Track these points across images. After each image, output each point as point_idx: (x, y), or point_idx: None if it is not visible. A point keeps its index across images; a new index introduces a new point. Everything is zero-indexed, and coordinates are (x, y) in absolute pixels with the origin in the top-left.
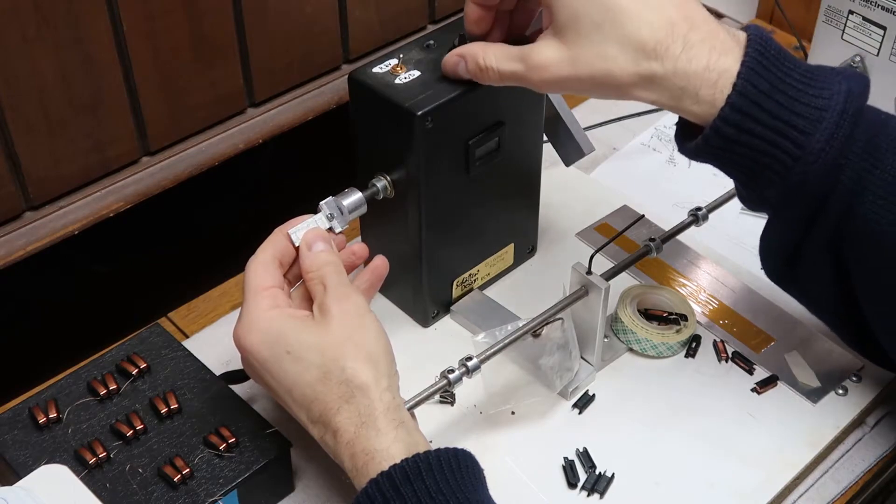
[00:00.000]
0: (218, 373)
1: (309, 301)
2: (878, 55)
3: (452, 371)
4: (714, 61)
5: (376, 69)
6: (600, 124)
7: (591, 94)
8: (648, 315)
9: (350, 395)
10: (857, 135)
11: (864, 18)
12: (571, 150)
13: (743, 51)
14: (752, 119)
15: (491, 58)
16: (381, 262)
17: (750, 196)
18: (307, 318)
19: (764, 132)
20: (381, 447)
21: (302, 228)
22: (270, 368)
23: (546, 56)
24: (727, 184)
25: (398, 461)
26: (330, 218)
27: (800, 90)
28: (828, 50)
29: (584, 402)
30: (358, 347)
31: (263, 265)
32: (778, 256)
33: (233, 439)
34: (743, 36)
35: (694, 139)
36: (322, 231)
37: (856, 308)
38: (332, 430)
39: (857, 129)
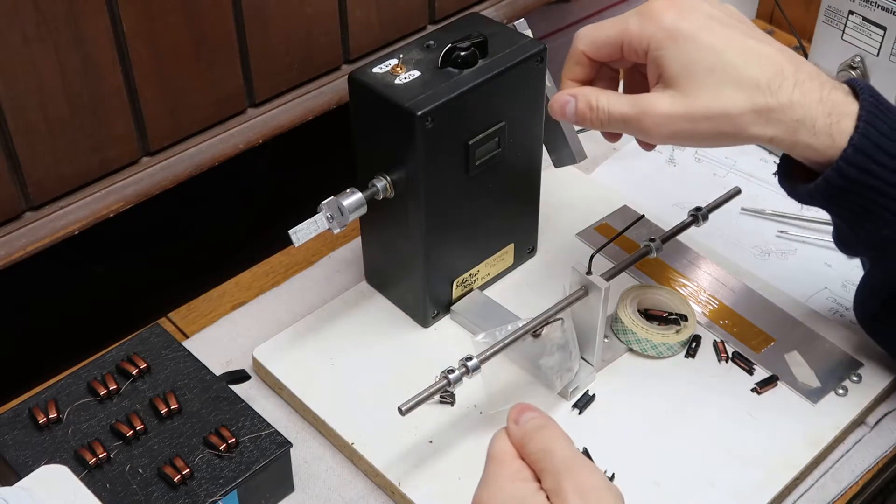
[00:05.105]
0: (218, 373)
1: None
2: (878, 55)
3: (452, 371)
4: (826, 95)
5: (376, 69)
6: None
7: (706, 138)
8: (648, 315)
9: None
10: None
11: (864, 19)
12: (564, 156)
13: (848, 90)
14: (875, 161)
15: (603, 99)
16: None
17: (858, 238)
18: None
19: (885, 173)
20: None
21: (302, 228)
22: None
23: (661, 101)
24: (727, 184)
25: None
26: (330, 218)
27: None
28: (828, 50)
29: (584, 403)
30: None
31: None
32: (877, 299)
33: (233, 439)
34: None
35: (803, 181)
36: (526, 405)
37: None
38: None
39: None
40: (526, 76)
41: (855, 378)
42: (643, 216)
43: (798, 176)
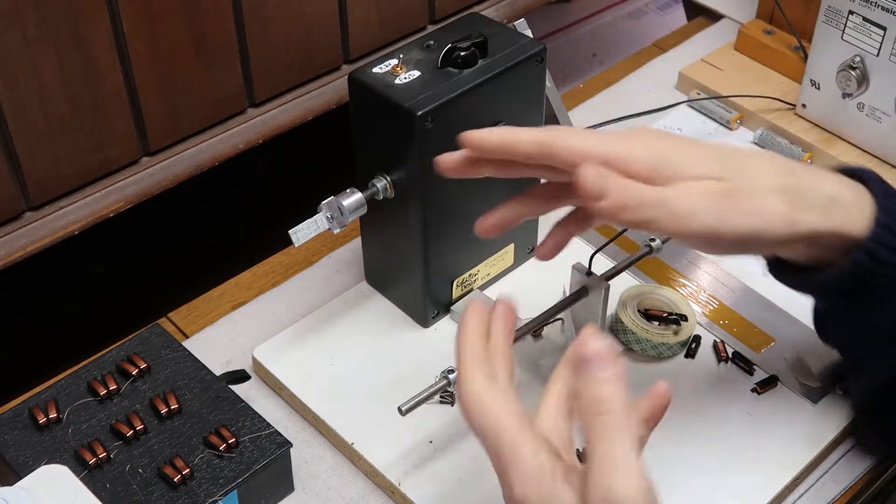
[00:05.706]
0: (218, 373)
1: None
2: (878, 55)
3: (452, 371)
4: (836, 176)
5: (376, 69)
6: (600, 125)
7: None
8: (648, 315)
9: None
10: None
11: (864, 18)
12: None
13: (841, 174)
14: None
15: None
16: (663, 390)
17: (874, 324)
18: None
19: None
20: None
21: (302, 228)
22: None
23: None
24: None
25: None
26: (330, 218)
27: None
28: (828, 50)
29: None
30: None
31: (510, 397)
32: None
33: (233, 439)
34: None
35: (796, 274)
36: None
37: None
38: None
39: None
40: (526, 76)
41: None
42: None
43: (788, 271)
